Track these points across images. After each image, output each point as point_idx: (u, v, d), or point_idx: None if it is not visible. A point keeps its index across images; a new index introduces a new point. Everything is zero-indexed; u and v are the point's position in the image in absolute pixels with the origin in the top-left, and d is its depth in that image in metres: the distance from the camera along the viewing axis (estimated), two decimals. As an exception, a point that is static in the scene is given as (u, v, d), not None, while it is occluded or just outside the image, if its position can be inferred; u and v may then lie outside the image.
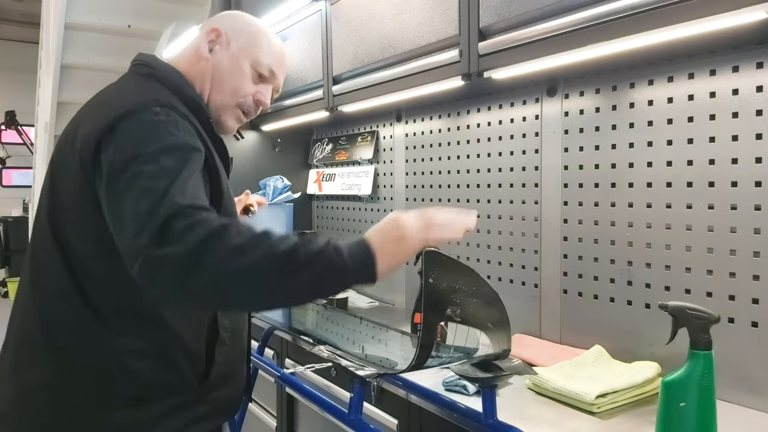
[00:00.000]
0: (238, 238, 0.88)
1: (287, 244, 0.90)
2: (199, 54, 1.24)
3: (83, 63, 4.21)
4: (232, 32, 1.25)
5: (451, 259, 1.11)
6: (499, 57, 1.54)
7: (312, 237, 1.02)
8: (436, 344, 1.06)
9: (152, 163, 0.96)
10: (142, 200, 0.92)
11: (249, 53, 1.26)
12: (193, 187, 0.97)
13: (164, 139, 1.00)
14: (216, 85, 1.23)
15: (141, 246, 0.88)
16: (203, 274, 0.87)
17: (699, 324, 1.04)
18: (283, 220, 2.62)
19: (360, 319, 1.85)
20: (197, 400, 1.14)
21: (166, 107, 1.05)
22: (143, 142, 0.99)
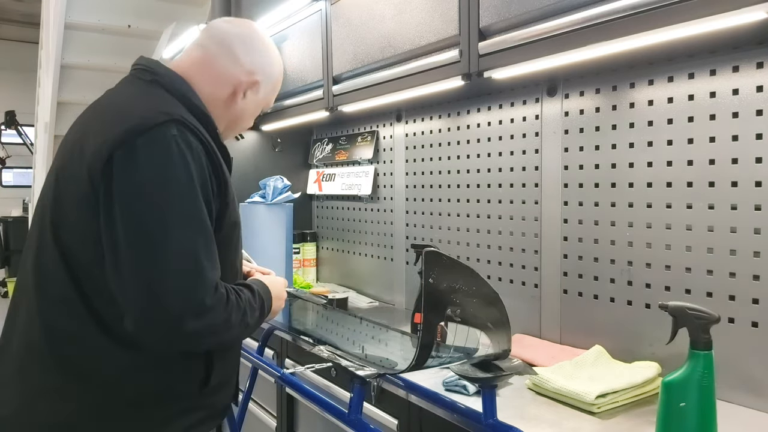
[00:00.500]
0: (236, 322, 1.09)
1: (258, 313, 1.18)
2: (234, 98, 1.27)
3: (83, 63, 4.21)
4: (264, 79, 1.31)
5: (451, 259, 1.11)
6: (499, 57, 1.54)
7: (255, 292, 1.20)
8: (436, 344, 1.07)
9: (173, 217, 1.02)
10: (175, 272, 1.00)
11: (268, 99, 1.36)
12: (211, 251, 1.06)
13: (180, 180, 1.04)
14: (233, 126, 1.32)
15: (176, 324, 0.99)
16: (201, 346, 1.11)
17: (699, 324, 1.04)
18: (283, 220, 2.62)
19: (360, 319, 1.85)
20: (196, 406, 1.18)
21: (181, 124, 1.07)
22: (162, 183, 1.03)
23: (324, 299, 2.29)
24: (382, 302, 2.53)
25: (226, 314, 1.06)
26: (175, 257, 1.01)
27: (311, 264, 2.98)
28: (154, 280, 0.99)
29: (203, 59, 1.25)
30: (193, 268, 1.02)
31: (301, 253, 2.94)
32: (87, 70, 4.25)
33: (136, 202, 1.02)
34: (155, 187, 1.02)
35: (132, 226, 1.01)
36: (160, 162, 1.03)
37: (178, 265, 1.01)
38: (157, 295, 0.99)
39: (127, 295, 1.01)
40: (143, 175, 1.02)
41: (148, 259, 1.00)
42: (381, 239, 2.57)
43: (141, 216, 1.02)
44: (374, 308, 2.45)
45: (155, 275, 1.00)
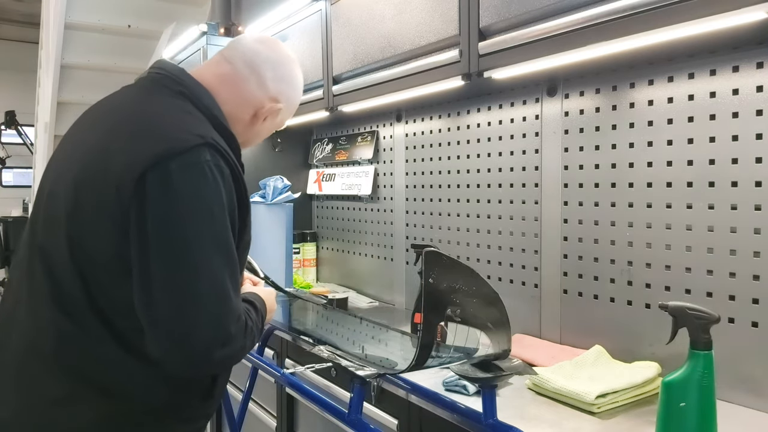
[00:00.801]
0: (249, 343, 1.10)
1: (260, 331, 1.20)
2: (255, 119, 1.27)
3: (83, 63, 4.21)
4: (286, 103, 1.31)
5: (451, 259, 1.11)
6: (499, 57, 1.54)
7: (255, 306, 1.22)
8: (436, 344, 1.07)
9: (205, 248, 1.02)
10: (203, 303, 1.00)
11: (283, 121, 1.37)
12: (237, 279, 1.07)
13: (213, 207, 1.04)
14: (247, 143, 1.31)
15: (206, 353, 1.00)
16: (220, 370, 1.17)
17: (699, 324, 1.04)
18: (283, 220, 2.62)
19: (360, 319, 1.85)
20: (197, 415, 1.20)
21: (213, 148, 1.06)
22: (197, 211, 1.02)
23: (324, 299, 2.29)
24: (382, 302, 2.53)
25: (244, 341, 1.08)
26: (207, 286, 1.01)
27: (311, 264, 2.98)
28: (185, 307, 0.99)
29: (231, 78, 1.23)
30: (223, 298, 1.02)
31: (301, 253, 2.94)
32: (87, 70, 4.25)
33: (170, 228, 1.01)
34: (189, 213, 1.02)
35: (165, 252, 1.00)
36: (195, 188, 1.02)
37: (209, 294, 1.00)
38: (187, 323, 0.99)
39: (154, 318, 1.00)
40: (177, 200, 1.01)
41: (180, 286, 1.00)
42: (381, 239, 2.57)
43: (174, 242, 1.01)
44: (374, 308, 2.45)
45: (186, 302, 0.99)
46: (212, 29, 2.83)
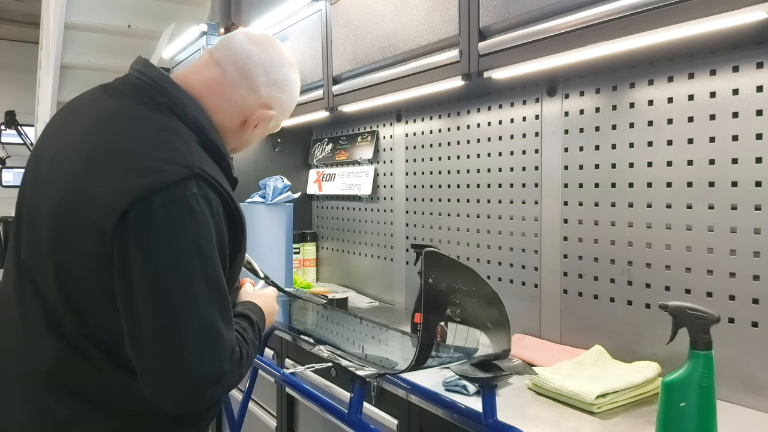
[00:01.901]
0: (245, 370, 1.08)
1: (257, 343, 1.17)
2: (246, 126, 1.21)
3: (83, 63, 4.21)
4: (279, 110, 1.25)
5: (451, 259, 1.11)
6: (499, 57, 1.54)
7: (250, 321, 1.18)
8: (436, 344, 1.07)
9: (193, 285, 0.97)
10: (192, 343, 0.96)
11: (277, 126, 1.30)
12: (228, 314, 1.03)
13: (200, 243, 0.98)
14: (238, 149, 1.27)
15: (189, 386, 0.97)
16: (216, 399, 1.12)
17: (699, 324, 1.04)
18: (283, 220, 2.62)
19: (360, 319, 1.85)
20: (200, 420, 1.18)
21: (200, 179, 1.00)
22: (182, 248, 0.97)
23: (324, 299, 2.29)
24: (382, 302, 2.53)
25: (240, 372, 1.05)
26: (196, 326, 0.97)
27: (311, 264, 2.98)
28: (174, 350, 0.96)
29: (219, 83, 1.16)
30: (213, 336, 0.98)
31: (301, 253, 2.94)
32: (87, 70, 4.25)
33: (155, 268, 0.96)
34: (174, 253, 0.97)
35: (149, 295, 0.96)
36: (180, 225, 0.97)
37: (198, 334, 0.97)
38: (177, 364, 0.96)
39: (145, 362, 0.98)
40: (162, 239, 0.96)
41: (167, 330, 0.96)
42: (381, 239, 2.57)
43: (159, 284, 0.96)
44: (374, 308, 2.45)
45: (175, 346, 0.96)
46: (212, 29, 2.83)
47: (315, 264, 3.01)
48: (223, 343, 1.00)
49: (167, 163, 0.99)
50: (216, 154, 1.11)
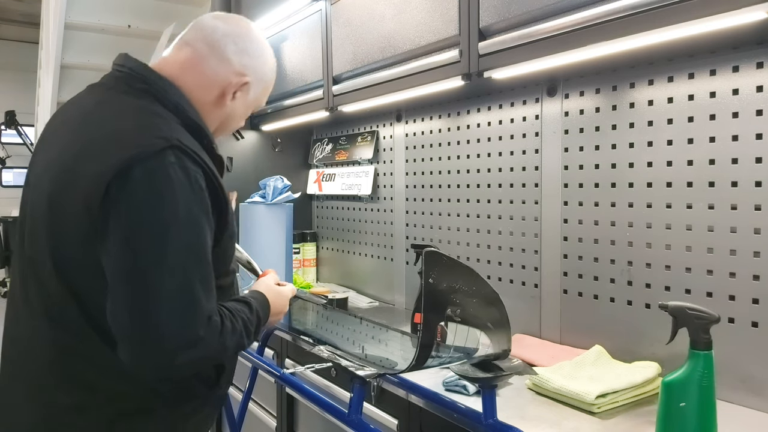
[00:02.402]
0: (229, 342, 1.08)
1: (255, 328, 1.19)
2: (223, 99, 1.23)
3: (83, 63, 4.21)
4: (255, 80, 1.27)
5: (451, 259, 1.11)
6: (499, 57, 1.54)
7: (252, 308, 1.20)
8: (436, 344, 1.07)
9: (171, 250, 1.00)
10: (169, 307, 0.99)
11: (259, 100, 1.33)
12: (208, 282, 1.05)
13: (177, 211, 1.01)
14: (223, 126, 1.29)
15: (163, 355, 0.99)
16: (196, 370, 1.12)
17: (699, 324, 1.04)
18: (283, 220, 2.62)
19: (360, 319, 1.85)
20: (205, 403, 1.21)
21: (178, 149, 1.04)
22: (159, 214, 1.00)
23: (324, 299, 2.29)
24: (382, 302, 2.53)
25: (221, 342, 1.06)
26: (170, 291, 0.99)
27: (311, 264, 2.98)
28: (147, 313, 0.98)
29: (192, 61, 1.20)
30: (188, 302, 1.00)
31: (301, 253, 2.94)
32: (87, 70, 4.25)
33: (132, 235, 1.00)
34: (151, 220, 1.00)
35: (127, 260, 1.00)
36: (157, 193, 1.01)
37: (172, 299, 0.99)
38: (150, 329, 0.98)
39: (121, 326, 1.00)
40: (139, 205, 1.00)
41: (142, 293, 0.99)
42: (381, 239, 2.57)
43: (136, 250, 1.00)
44: (374, 308, 2.45)
45: (149, 307, 0.98)
46: (212, 29, 2.82)
47: (315, 264, 3.01)
48: (200, 309, 1.01)
49: (145, 137, 1.04)
50: (197, 132, 1.14)
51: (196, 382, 1.17)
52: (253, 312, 1.19)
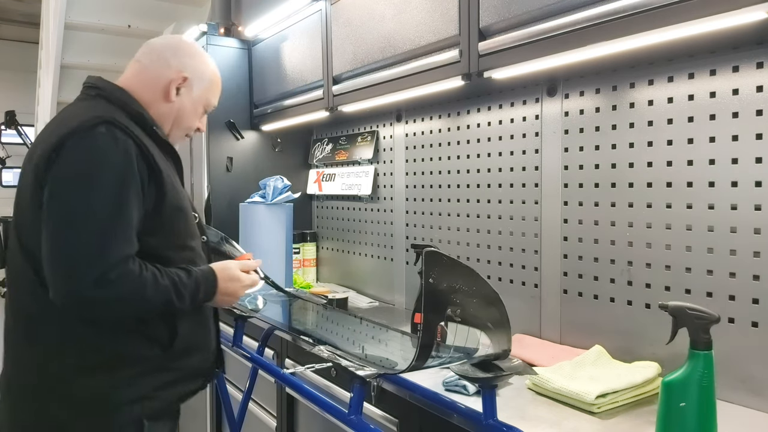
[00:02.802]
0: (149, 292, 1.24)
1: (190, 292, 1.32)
2: (167, 95, 1.44)
3: (83, 63, 4.21)
4: (194, 76, 1.48)
5: (451, 259, 1.11)
6: (499, 57, 1.54)
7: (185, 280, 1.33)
8: (436, 344, 1.06)
9: (90, 201, 1.21)
10: (80, 248, 1.18)
11: (207, 98, 1.53)
12: (125, 229, 1.23)
13: (99, 169, 1.22)
14: (176, 124, 1.49)
15: (77, 290, 1.18)
16: (115, 314, 1.28)
17: (699, 324, 1.04)
18: (283, 220, 2.62)
19: (360, 319, 1.85)
20: (164, 368, 1.35)
21: (109, 123, 1.25)
22: (83, 170, 1.22)
23: (324, 299, 2.29)
24: (382, 302, 2.53)
25: (135, 287, 1.22)
26: (83, 234, 1.19)
27: (311, 264, 2.98)
28: (63, 255, 1.19)
29: (139, 70, 1.45)
30: (99, 246, 1.19)
31: (301, 253, 2.94)
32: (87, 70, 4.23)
33: (59, 189, 1.21)
34: (76, 176, 1.21)
35: (51, 209, 1.21)
36: (85, 155, 1.22)
37: (85, 242, 1.18)
38: (64, 268, 1.18)
39: (47, 267, 1.20)
40: (68, 166, 1.22)
41: (59, 236, 1.19)
42: (381, 239, 2.58)
43: (60, 199, 1.21)
44: (374, 308, 2.45)
45: (65, 251, 1.19)
46: (212, 29, 2.83)
47: (315, 264, 3.01)
48: (109, 252, 1.19)
49: (84, 118, 1.26)
50: (139, 119, 1.37)
51: (144, 340, 1.32)
52: (191, 278, 1.33)
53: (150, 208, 1.29)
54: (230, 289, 1.44)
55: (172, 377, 1.36)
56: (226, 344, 1.86)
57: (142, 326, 1.31)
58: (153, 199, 1.29)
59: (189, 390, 1.44)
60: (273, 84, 2.70)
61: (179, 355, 1.37)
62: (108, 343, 1.29)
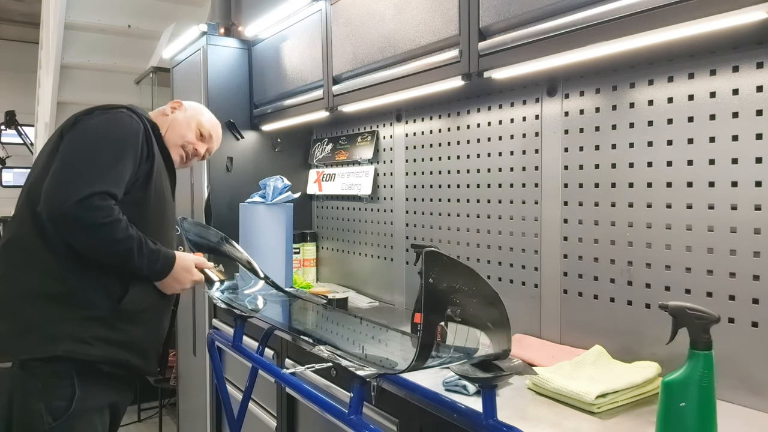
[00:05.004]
0: (119, 233, 1.49)
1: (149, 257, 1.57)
2: (163, 111, 1.89)
3: (83, 63, 4.21)
4: (188, 105, 1.94)
5: (451, 259, 1.11)
6: (499, 57, 1.54)
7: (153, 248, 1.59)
8: (436, 344, 1.06)
9: (96, 145, 1.52)
10: (77, 173, 1.46)
11: (196, 118, 1.91)
12: (116, 176, 1.51)
13: (113, 132, 1.56)
14: (170, 129, 1.83)
15: (64, 203, 1.43)
16: (88, 238, 1.48)
17: (699, 324, 1.04)
18: (283, 220, 2.62)
19: (360, 319, 1.85)
20: (107, 323, 1.55)
21: (130, 110, 1.63)
22: (99, 127, 1.56)
23: (324, 299, 2.29)
24: (382, 302, 2.53)
25: (110, 221, 1.46)
26: (83, 165, 1.47)
27: (311, 264, 2.98)
28: (61, 176, 1.46)
29: (161, 110, 1.92)
30: (91, 175, 1.46)
31: (301, 253, 2.94)
32: (87, 70, 4.25)
33: (76, 137, 1.54)
34: (92, 131, 1.55)
35: (65, 148, 1.52)
36: (104, 120, 1.57)
37: (82, 171, 1.46)
38: (58, 185, 1.45)
39: (44, 187, 1.46)
40: (88, 125, 1.56)
41: (64, 163, 1.48)
42: (381, 239, 2.58)
43: (73, 143, 1.53)
44: (374, 308, 2.45)
45: (64, 173, 1.47)
46: (212, 29, 2.83)
47: (315, 264, 3.01)
48: (98, 185, 1.45)
49: (111, 105, 1.65)
50: (152, 127, 1.71)
51: (100, 287, 1.54)
52: (155, 246, 1.58)
53: (140, 180, 1.59)
54: (181, 277, 1.66)
55: (113, 336, 1.55)
56: (227, 344, 1.86)
57: (100, 273, 1.53)
58: (144, 174, 1.60)
59: (126, 359, 1.59)
60: (273, 84, 2.70)
61: (126, 318, 1.58)
62: (70, 278, 1.51)
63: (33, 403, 1.47)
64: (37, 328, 1.49)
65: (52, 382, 1.49)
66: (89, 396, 1.53)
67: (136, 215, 1.56)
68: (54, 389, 1.49)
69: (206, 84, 2.80)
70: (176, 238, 1.86)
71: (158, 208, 1.66)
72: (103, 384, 1.58)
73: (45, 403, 1.47)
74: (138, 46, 4.12)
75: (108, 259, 1.53)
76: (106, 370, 1.57)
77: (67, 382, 1.50)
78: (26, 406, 1.47)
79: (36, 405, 1.47)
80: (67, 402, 1.50)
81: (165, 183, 1.71)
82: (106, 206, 1.46)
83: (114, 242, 1.48)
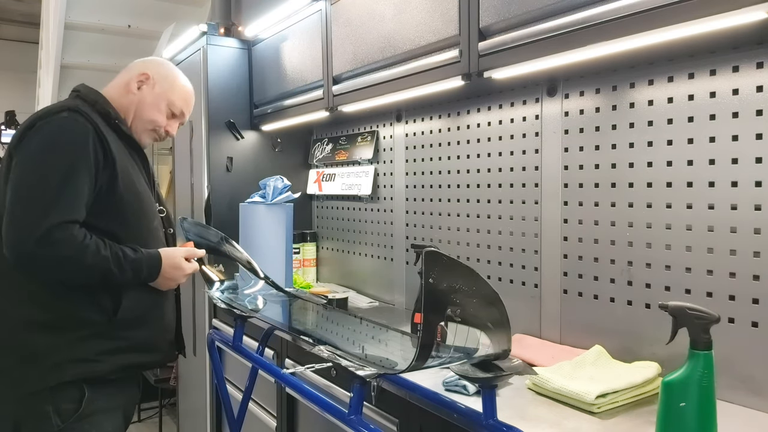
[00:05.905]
0: (89, 259, 1.42)
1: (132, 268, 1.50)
2: (128, 88, 1.66)
3: (83, 63, 4.22)
4: (155, 75, 1.69)
5: (451, 259, 1.10)
6: (499, 57, 1.54)
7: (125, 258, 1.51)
8: (436, 344, 1.06)
9: (42, 171, 1.41)
10: (30, 208, 1.39)
11: (166, 97, 1.69)
12: (72, 198, 1.42)
13: (57, 144, 1.44)
14: (138, 115, 1.66)
15: (23, 245, 1.37)
16: (58, 273, 1.44)
17: (699, 324, 1.04)
18: (283, 220, 2.62)
19: (360, 319, 1.85)
20: (108, 335, 1.51)
21: (72, 110, 1.48)
22: (42, 145, 1.44)
23: (324, 299, 2.29)
24: (382, 302, 2.53)
25: (76, 251, 1.40)
26: (33, 199, 1.39)
27: (311, 264, 2.98)
28: (14, 215, 1.39)
29: (116, 78, 1.71)
30: (43, 208, 1.38)
31: (301, 253, 2.94)
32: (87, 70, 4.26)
33: (21, 162, 1.43)
34: (36, 151, 1.44)
35: (13, 178, 1.42)
36: (46, 133, 1.45)
37: (33, 205, 1.38)
38: (14, 226, 1.38)
39: (2, 228, 1.40)
40: (32, 143, 1.45)
41: (15, 199, 1.40)
42: (381, 239, 2.57)
43: (20, 171, 1.43)
44: (374, 308, 2.45)
45: (16, 211, 1.39)
46: (212, 29, 2.83)
47: (315, 264, 3.01)
48: (53, 217, 1.37)
49: (54, 107, 1.51)
50: (105, 115, 1.58)
51: (92, 305, 1.49)
52: (135, 254, 1.51)
53: (104, 188, 1.49)
54: (172, 275, 1.61)
55: (117, 345, 1.52)
56: (227, 344, 1.86)
57: (88, 291, 1.48)
58: (107, 180, 1.49)
59: (138, 362, 1.58)
60: (273, 84, 2.70)
61: (126, 325, 1.53)
62: (59, 303, 1.46)
63: (41, 405, 1.46)
64: (38, 359, 1.46)
65: (60, 386, 1.48)
66: (98, 398, 1.52)
67: (112, 222, 1.51)
68: (62, 392, 1.48)
69: (206, 84, 2.80)
70: (163, 221, 1.73)
71: (134, 205, 1.57)
72: (112, 386, 1.56)
73: (53, 405, 1.47)
74: (138, 46, 4.12)
75: (89, 283, 1.48)
76: (120, 376, 1.56)
77: (76, 386, 1.49)
78: (34, 408, 1.46)
79: (44, 407, 1.46)
80: (76, 404, 1.49)
81: (135, 176, 1.59)
82: (68, 237, 1.39)
83: (87, 269, 1.43)
